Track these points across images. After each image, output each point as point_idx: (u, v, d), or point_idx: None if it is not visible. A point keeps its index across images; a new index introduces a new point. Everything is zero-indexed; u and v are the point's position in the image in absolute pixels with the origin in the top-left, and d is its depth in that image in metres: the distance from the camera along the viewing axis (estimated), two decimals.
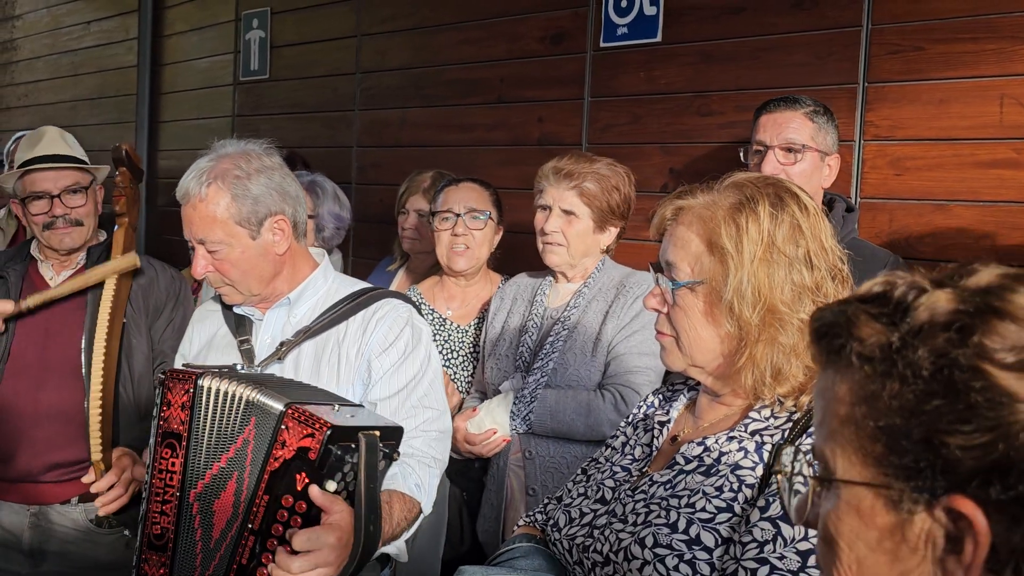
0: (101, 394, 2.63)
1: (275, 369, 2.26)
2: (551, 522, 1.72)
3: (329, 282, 2.38)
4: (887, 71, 3.04)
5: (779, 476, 0.92)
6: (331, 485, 1.85)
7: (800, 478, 0.90)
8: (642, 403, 1.86)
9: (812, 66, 3.22)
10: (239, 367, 2.18)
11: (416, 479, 2.18)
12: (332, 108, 5.08)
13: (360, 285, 2.41)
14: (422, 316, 2.40)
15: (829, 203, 2.80)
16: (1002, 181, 2.81)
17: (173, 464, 2.03)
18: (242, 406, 1.98)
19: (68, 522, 2.77)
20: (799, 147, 2.73)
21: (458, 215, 3.18)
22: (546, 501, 1.86)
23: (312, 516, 1.86)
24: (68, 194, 2.81)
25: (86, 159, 2.91)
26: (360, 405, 2.10)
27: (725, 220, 1.53)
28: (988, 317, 0.75)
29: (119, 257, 2.75)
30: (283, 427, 1.89)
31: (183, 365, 2.28)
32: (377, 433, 1.88)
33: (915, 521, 0.76)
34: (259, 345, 2.34)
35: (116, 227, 2.84)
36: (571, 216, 2.87)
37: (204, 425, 2.02)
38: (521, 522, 1.86)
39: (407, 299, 2.40)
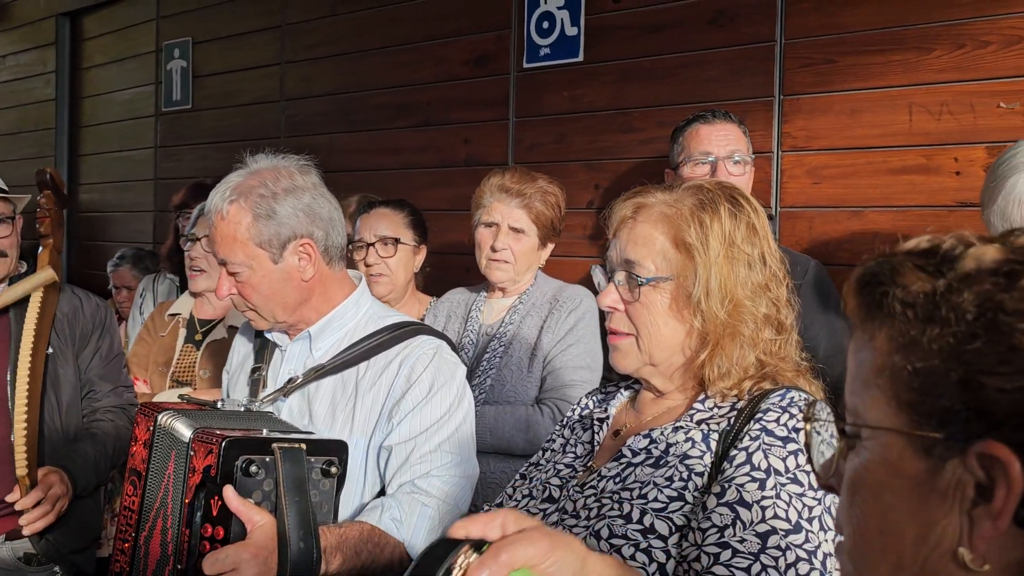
0: (26, 415, 2.57)
1: (285, 410, 2.12)
2: None
3: (360, 314, 2.18)
4: (801, 84, 3.14)
5: (807, 430, 0.92)
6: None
7: (827, 437, 0.90)
8: (575, 406, 1.87)
9: (730, 81, 3.30)
10: (242, 404, 2.05)
11: (396, 514, 1.95)
12: (258, 136, 5.05)
13: (396, 318, 2.21)
14: (455, 351, 2.21)
15: None
16: (913, 186, 2.92)
17: (133, 503, 1.95)
18: (171, 439, 1.89)
19: None
20: (745, 159, 2.83)
21: (369, 244, 3.19)
22: (486, 509, 1.85)
23: (234, 541, 1.73)
24: None
25: (5, 187, 2.85)
26: (309, 432, 1.95)
27: (691, 218, 1.57)
28: None
29: (38, 273, 2.70)
30: (191, 452, 1.78)
31: (179, 396, 2.17)
32: (302, 446, 1.77)
33: (946, 469, 0.75)
34: (280, 378, 2.18)
35: (40, 248, 2.78)
36: (520, 233, 2.90)
37: (155, 465, 1.92)
38: None
39: (438, 334, 2.20)
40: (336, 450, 1.85)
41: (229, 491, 1.71)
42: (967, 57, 2.82)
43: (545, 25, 3.80)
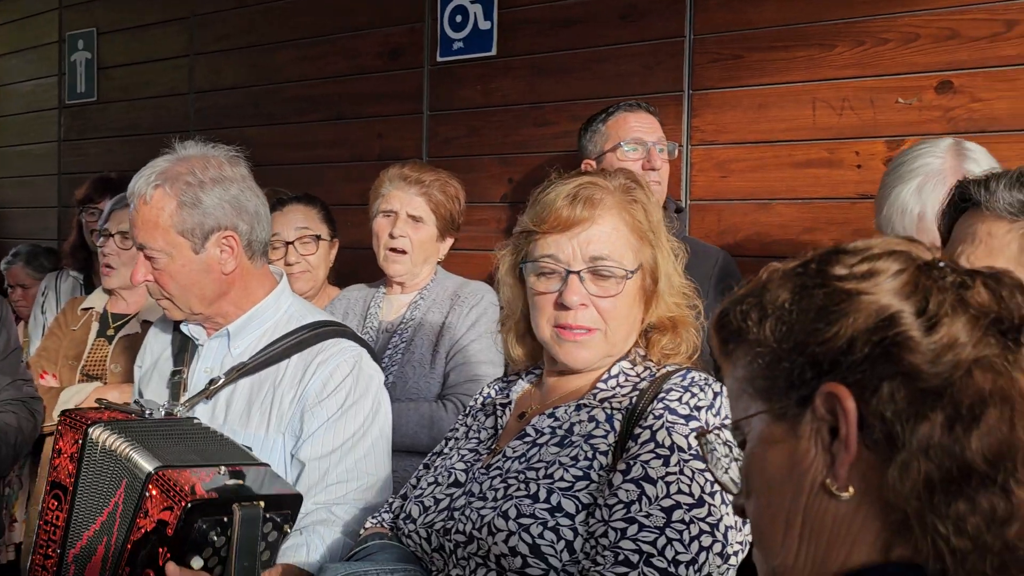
0: None
1: (203, 409, 2.08)
2: (403, 516, 1.71)
3: (281, 311, 2.15)
4: (709, 79, 3.20)
5: (704, 449, 1.05)
6: (196, 562, 1.68)
7: (722, 449, 1.05)
8: (478, 395, 1.88)
9: (640, 75, 3.34)
10: (163, 407, 1.99)
11: (324, 553, 1.91)
12: (166, 129, 4.90)
13: (316, 316, 2.18)
14: (376, 360, 2.17)
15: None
16: (817, 179, 2.99)
17: (57, 518, 1.88)
18: (118, 464, 1.81)
19: None
20: (667, 148, 2.89)
21: (288, 243, 3.14)
22: (390, 501, 1.85)
23: None
24: None
25: None
26: (264, 465, 1.87)
27: (642, 207, 1.64)
28: (828, 255, 0.93)
29: None
30: (147, 494, 1.72)
31: (96, 401, 2.10)
32: (260, 504, 1.72)
33: (803, 424, 0.88)
34: (196, 376, 2.14)
35: None
36: (418, 222, 2.87)
37: (89, 481, 1.85)
38: (368, 524, 1.84)
39: (360, 340, 2.16)
40: (292, 504, 1.82)
41: (171, 568, 1.66)
42: (867, 54, 2.90)
43: (458, 19, 3.79)
